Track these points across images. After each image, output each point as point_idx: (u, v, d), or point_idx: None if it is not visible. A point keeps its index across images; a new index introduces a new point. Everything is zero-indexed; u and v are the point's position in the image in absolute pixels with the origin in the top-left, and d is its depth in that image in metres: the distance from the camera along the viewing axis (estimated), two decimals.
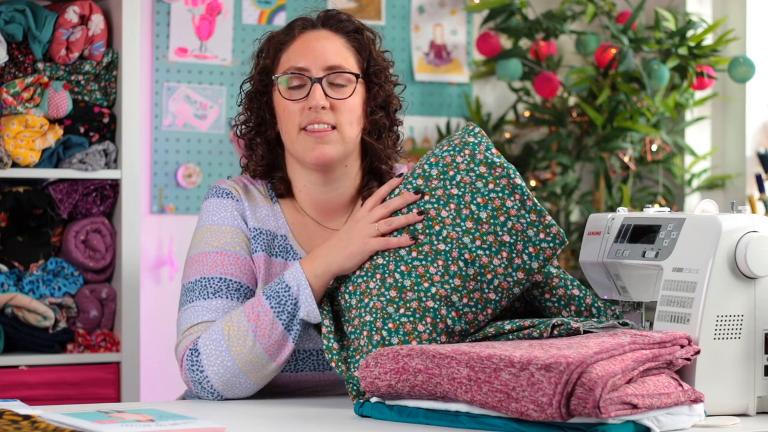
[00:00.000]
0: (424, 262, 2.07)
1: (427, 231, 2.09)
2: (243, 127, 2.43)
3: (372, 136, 2.39)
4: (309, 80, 2.32)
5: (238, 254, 2.32)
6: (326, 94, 2.32)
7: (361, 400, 1.98)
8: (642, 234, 2.05)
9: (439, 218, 2.09)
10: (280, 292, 2.18)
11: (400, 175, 2.31)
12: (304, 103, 2.32)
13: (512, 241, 2.06)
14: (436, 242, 2.07)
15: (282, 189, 2.40)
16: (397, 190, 2.20)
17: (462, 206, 2.09)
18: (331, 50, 2.35)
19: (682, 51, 4.26)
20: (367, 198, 2.33)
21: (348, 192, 2.40)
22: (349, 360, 2.07)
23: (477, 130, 2.18)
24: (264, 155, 2.40)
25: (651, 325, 2.02)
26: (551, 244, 2.06)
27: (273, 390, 2.29)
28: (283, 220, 2.38)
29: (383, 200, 2.21)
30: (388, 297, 2.06)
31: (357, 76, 2.35)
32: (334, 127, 2.32)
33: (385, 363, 1.91)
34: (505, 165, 2.11)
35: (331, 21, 2.39)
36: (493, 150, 2.14)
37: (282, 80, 2.34)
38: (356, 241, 2.17)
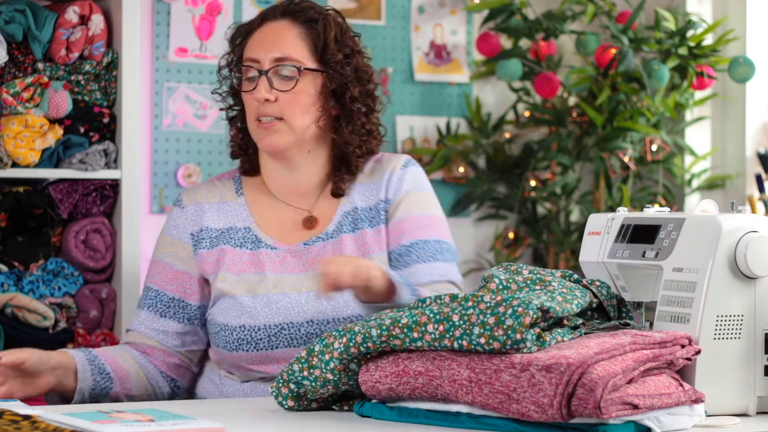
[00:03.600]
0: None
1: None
2: (229, 111, 2.55)
3: (329, 125, 2.45)
4: (259, 72, 2.40)
5: (173, 266, 2.46)
6: (273, 86, 2.39)
7: (361, 401, 1.98)
8: (642, 234, 2.05)
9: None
10: None
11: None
12: (254, 95, 2.40)
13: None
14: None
15: (248, 167, 2.51)
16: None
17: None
18: (282, 41, 2.42)
19: (682, 51, 4.25)
20: (343, 191, 2.47)
21: (316, 176, 2.48)
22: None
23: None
24: (234, 137, 2.53)
25: (651, 325, 2.02)
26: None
27: (253, 373, 2.33)
28: (246, 213, 2.47)
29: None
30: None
31: (300, 68, 2.39)
32: (281, 118, 2.39)
33: (386, 366, 1.91)
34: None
35: (292, 9, 2.46)
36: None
37: (239, 71, 2.45)
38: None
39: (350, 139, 2.44)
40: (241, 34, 2.48)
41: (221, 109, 2.56)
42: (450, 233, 2.54)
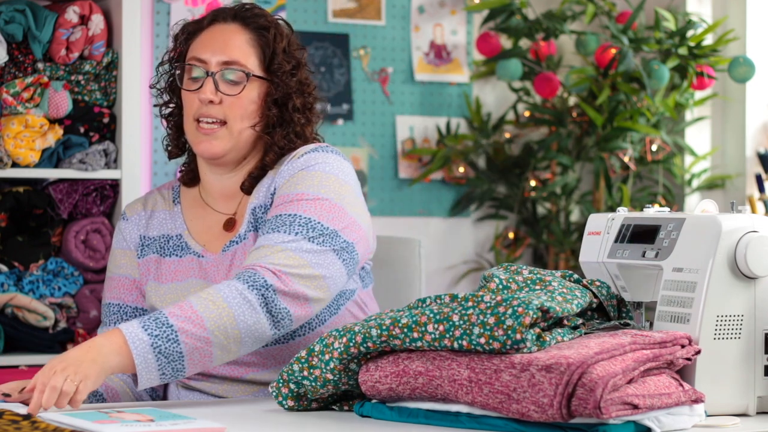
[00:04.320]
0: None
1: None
2: (162, 108, 2.52)
3: (264, 130, 2.42)
4: (205, 73, 2.38)
5: (129, 276, 2.47)
6: (219, 89, 2.37)
7: (361, 401, 1.98)
8: (642, 234, 2.05)
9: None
10: None
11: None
12: (197, 94, 2.38)
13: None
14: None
15: (188, 179, 2.50)
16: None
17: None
18: (231, 45, 2.40)
19: (682, 51, 4.25)
20: (249, 187, 2.40)
21: (243, 179, 2.45)
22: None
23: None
24: (173, 137, 2.51)
25: (651, 325, 2.02)
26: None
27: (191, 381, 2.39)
28: (180, 221, 2.47)
29: None
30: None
31: (248, 75, 2.38)
32: (224, 122, 2.38)
33: (386, 366, 1.91)
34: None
35: (243, 14, 2.44)
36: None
37: (183, 69, 2.42)
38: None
39: (281, 142, 2.42)
40: (187, 32, 2.45)
41: (155, 105, 2.53)
42: (337, 218, 2.30)
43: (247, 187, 2.42)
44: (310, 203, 2.29)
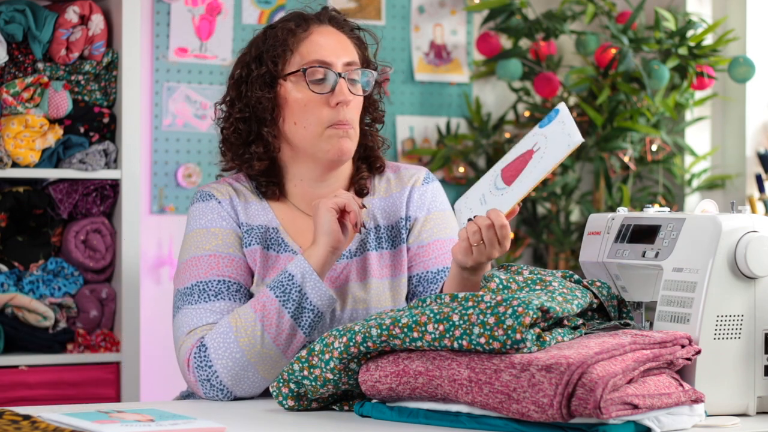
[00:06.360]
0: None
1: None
2: (237, 121, 2.36)
3: (371, 128, 2.44)
4: (334, 75, 2.32)
5: (232, 255, 2.30)
6: (351, 90, 2.35)
7: (361, 401, 1.98)
8: (642, 234, 2.05)
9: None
10: (283, 281, 2.19)
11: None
12: (329, 97, 2.31)
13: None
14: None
15: (270, 192, 2.37)
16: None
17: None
18: (345, 46, 2.38)
19: (682, 51, 4.25)
20: (359, 187, 2.39)
21: (340, 184, 2.40)
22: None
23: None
24: (267, 151, 2.35)
25: (651, 325, 2.02)
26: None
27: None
28: (272, 215, 2.36)
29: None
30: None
31: (378, 74, 2.40)
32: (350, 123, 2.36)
33: (386, 366, 1.91)
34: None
35: (336, 19, 2.42)
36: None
37: (308, 73, 2.31)
38: (317, 214, 2.20)
39: (377, 141, 2.44)
40: (283, 39, 2.34)
41: (234, 127, 2.37)
42: None
43: (366, 189, 2.40)
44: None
